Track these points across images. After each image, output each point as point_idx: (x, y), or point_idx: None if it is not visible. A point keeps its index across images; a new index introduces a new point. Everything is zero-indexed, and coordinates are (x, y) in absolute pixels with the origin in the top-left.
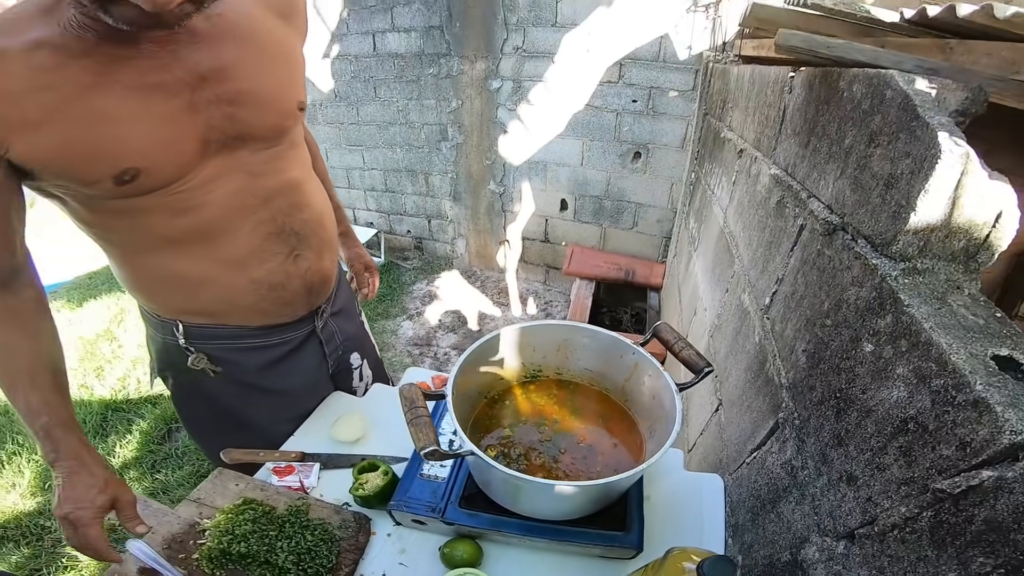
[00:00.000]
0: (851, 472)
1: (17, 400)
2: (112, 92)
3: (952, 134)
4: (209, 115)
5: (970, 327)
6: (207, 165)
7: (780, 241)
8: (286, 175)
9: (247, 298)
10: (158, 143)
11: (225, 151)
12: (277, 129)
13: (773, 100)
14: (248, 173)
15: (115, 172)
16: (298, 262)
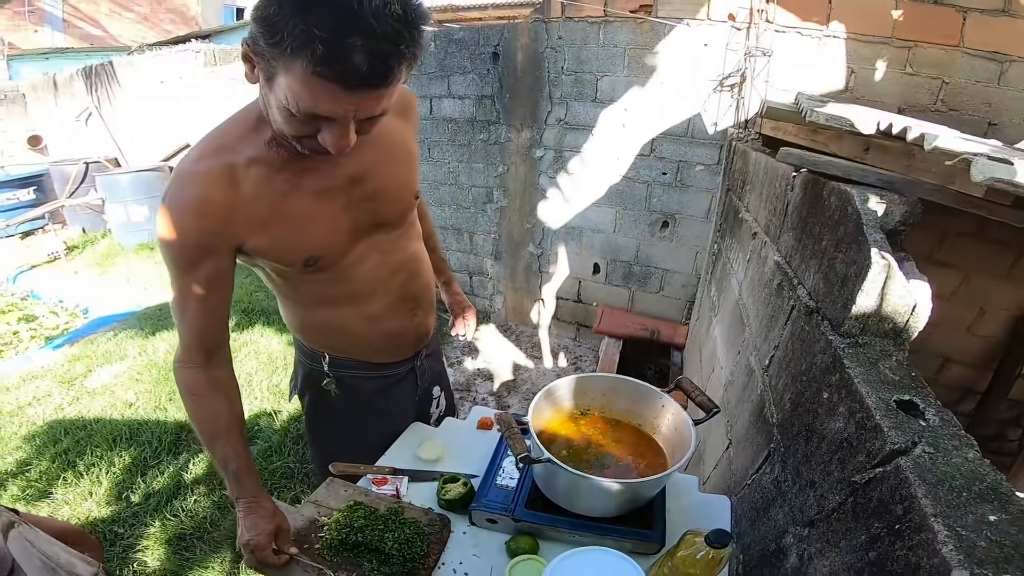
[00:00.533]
0: (812, 479)
1: (216, 451)
2: (301, 198)
3: (882, 248)
4: (357, 210)
5: (887, 381)
6: (355, 248)
7: (778, 316)
8: (407, 251)
9: (375, 343)
10: (329, 236)
11: (366, 236)
12: (401, 216)
13: (780, 193)
14: (381, 251)
15: (304, 259)
16: (413, 318)
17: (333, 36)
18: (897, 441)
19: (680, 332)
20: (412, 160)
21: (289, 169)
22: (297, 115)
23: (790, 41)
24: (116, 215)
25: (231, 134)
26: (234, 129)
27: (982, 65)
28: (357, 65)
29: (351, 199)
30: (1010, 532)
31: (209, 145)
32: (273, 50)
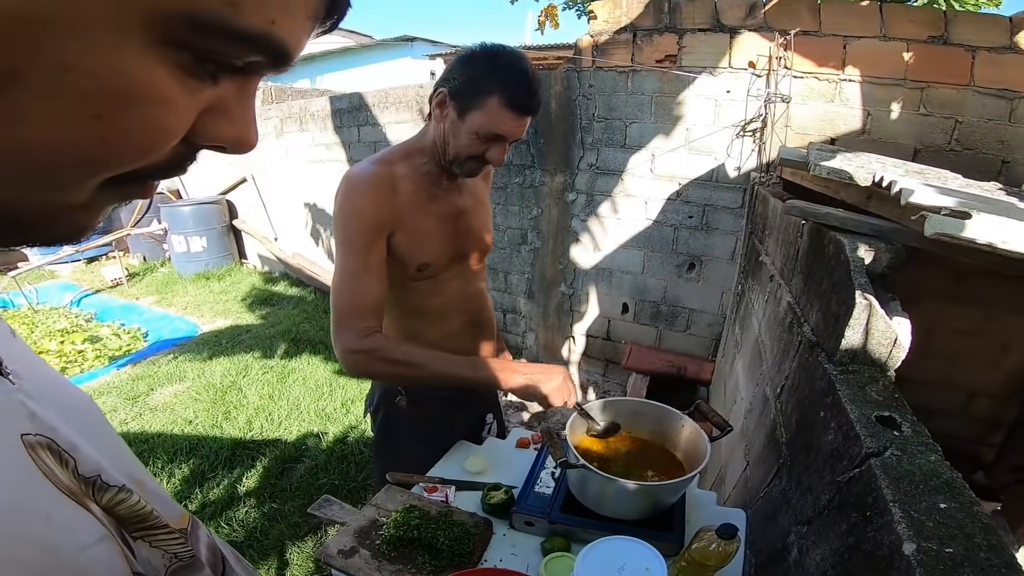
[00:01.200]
0: (810, 484)
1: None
2: (428, 216)
3: (865, 291)
4: (458, 238)
5: (872, 401)
6: (450, 268)
7: (788, 350)
8: (478, 285)
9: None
10: (440, 250)
11: (457, 263)
12: (482, 252)
13: (792, 239)
14: (464, 278)
15: (419, 263)
16: (476, 343)
17: (515, 85)
18: (871, 446)
19: (706, 369)
20: (488, 213)
21: (425, 192)
22: (480, 137)
23: (808, 86)
24: (177, 245)
25: (392, 155)
26: (394, 153)
27: (993, 103)
28: (525, 102)
29: (456, 228)
30: (957, 516)
31: (376, 158)
32: (474, 92)
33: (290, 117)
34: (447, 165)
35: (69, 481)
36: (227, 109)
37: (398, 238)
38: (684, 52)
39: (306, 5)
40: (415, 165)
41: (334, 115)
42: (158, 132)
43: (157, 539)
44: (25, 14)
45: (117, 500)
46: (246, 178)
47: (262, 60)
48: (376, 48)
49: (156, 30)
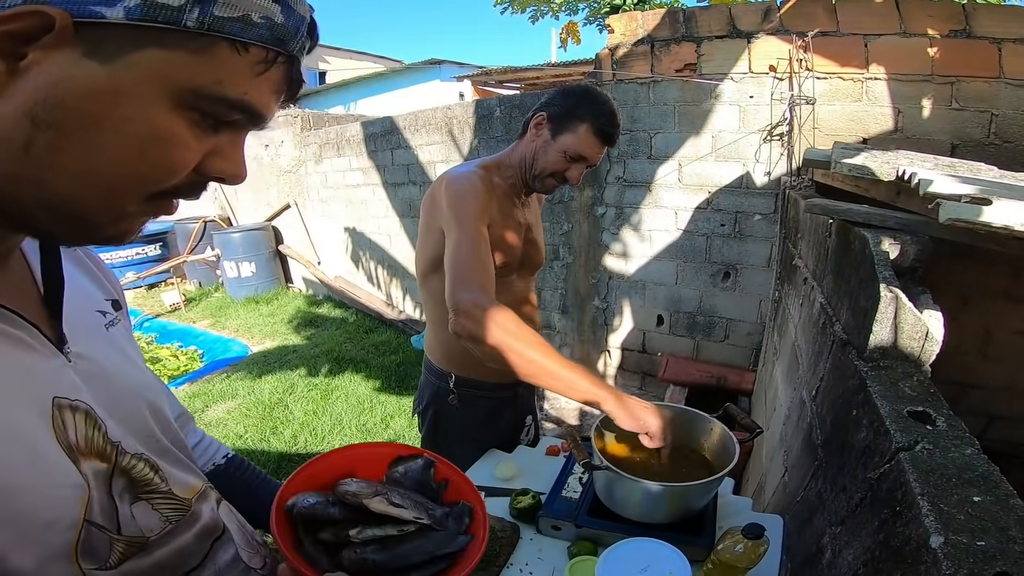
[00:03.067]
0: (844, 484)
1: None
2: (510, 221)
3: (891, 284)
4: (524, 247)
5: (905, 397)
6: (515, 273)
7: (822, 352)
8: (529, 293)
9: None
10: (510, 254)
11: (518, 269)
12: (538, 265)
13: (821, 240)
14: (524, 283)
15: (500, 262)
16: None
17: (605, 117)
18: (901, 440)
19: (747, 379)
20: (541, 233)
21: (510, 200)
22: (567, 156)
23: (832, 87)
24: (229, 270)
25: (487, 163)
26: (488, 162)
27: None
28: (610, 131)
29: (525, 238)
30: (991, 510)
31: (474, 163)
32: (570, 118)
33: (328, 143)
34: (530, 179)
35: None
36: (223, 151)
37: (491, 232)
38: (703, 60)
39: (268, 83)
40: (504, 177)
41: (367, 140)
42: (178, 162)
43: (157, 503)
44: (112, 87)
45: (131, 465)
46: (290, 204)
47: (242, 118)
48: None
49: (177, 98)
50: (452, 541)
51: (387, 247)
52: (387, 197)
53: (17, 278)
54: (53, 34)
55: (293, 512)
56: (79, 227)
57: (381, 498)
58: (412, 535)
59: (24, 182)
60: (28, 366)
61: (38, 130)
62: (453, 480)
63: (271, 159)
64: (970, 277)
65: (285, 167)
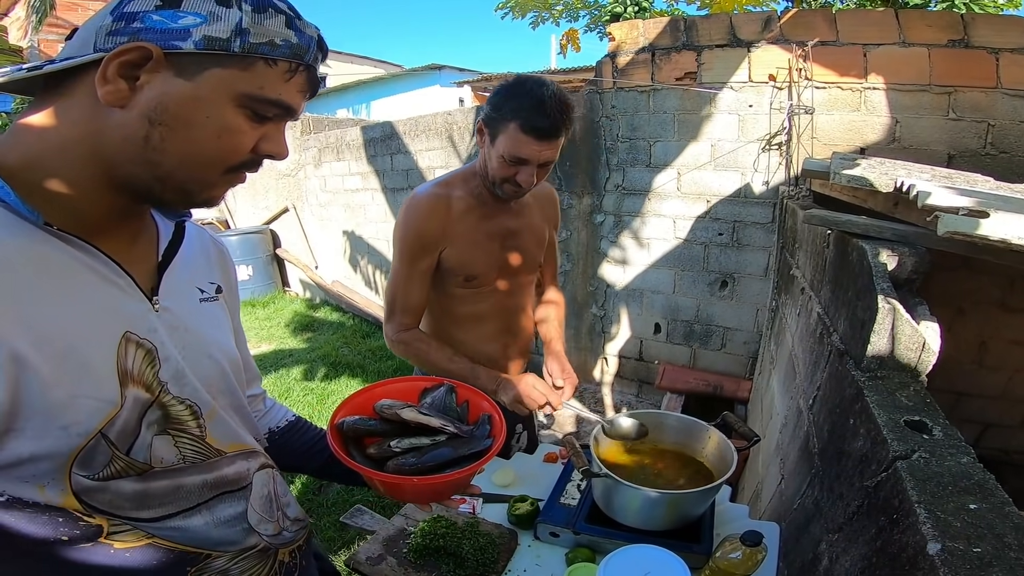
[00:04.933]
0: (841, 491)
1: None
2: (478, 234)
3: (888, 295)
4: (503, 256)
5: (901, 407)
6: (495, 282)
7: (819, 361)
8: (519, 300)
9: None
10: (487, 265)
11: (501, 278)
12: (525, 274)
13: (819, 250)
14: (506, 292)
15: (466, 275)
16: (507, 349)
17: (530, 110)
18: (898, 449)
19: (743, 387)
20: (542, 241)
21: (478, 212)
22: (507, 161)
23: (831, 96)
24: None
25: (452, 178)
26: (452, 178)
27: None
28: (541, 126)
29: (503, 247)
30: (987, 517)
31: (438, 180)
32: (499, 119)
33: (327, 147)
34: (491, 188)
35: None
36: (270, 137)
37: (449, 252)
38: (703, 68)
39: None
40: (471, 187)
41: (367, 144)
42: (241, 145)
43: (180, 440)
44: (195, 96)
45: (170, 403)
46: (288, 208)
47: (280, 112)
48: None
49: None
50: (478, 443)
51: (385, 252)
52: (386, 202)
53: (142, 244)
54: (153, 61)
55: (343, 428)
56: (182, 195)
57: (412, 409)
58: (442, 443)
59: (145, 164)
60: (114, 302)
61: (153, 127)
62: (472, 399)
63: (270, 163)
64: (966, 287)
65: (284, 170)
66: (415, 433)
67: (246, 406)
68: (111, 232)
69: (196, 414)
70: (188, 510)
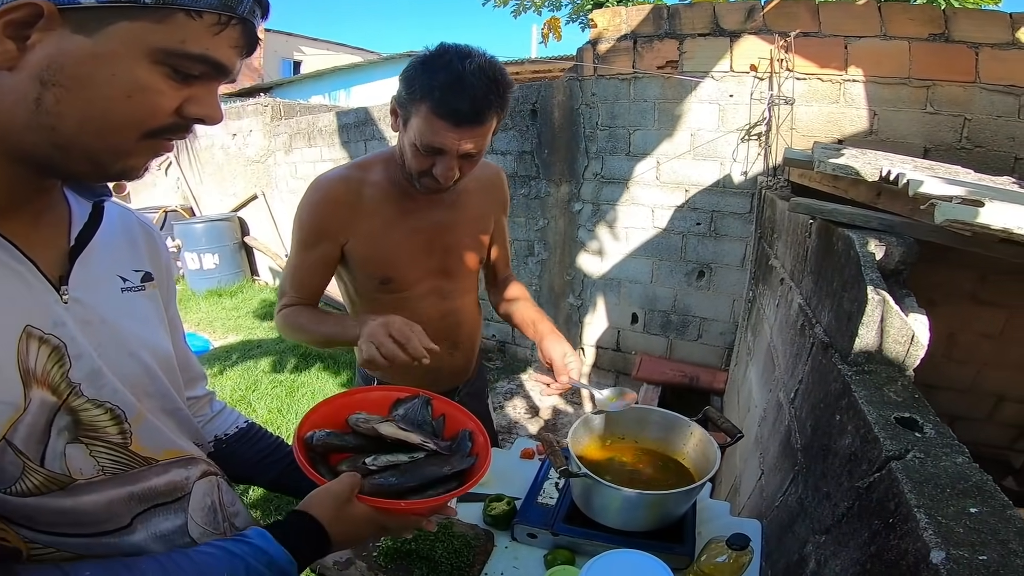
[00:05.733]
0: (828, 491)
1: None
2: (396, 231)
3: (878, 286)
4: (433, 255)
5: (890, 403)
6: (423, 285)
7: (801, 354)
8: (459, 302)
9: (417, 372)
10: (407, 265)
11: (433, 278)
12: (464, 272)
13: (800, 240)
14: (440, 295)
15: (382, 277)
16: (450, 357)
17: (445, 88)
18: (891, 449)
19: (719, 378)
20: (485, 232)
21: (398, 205)
22: (420, 150)
23: (811, 88)
24: (190, 262)
25: (369, 161)
26: (372, 159)
27: (1001, 100)
28: (459, 108)
29: (432, 244)
30: (989, 521)
31: (352, 163)
32: (409, 99)
33: (299, 133)
34: (409, 179)
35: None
36: (198, 98)
37: (354, 246)
38: (685, 57)
39: (226, 41)
40: (391, 174)
41: (341, 130)
42: (158, 106)
43: (97, 450)
44: (97, 52)
45: (81, 408)
46: (257, 195)
47: (208, 69)
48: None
49: (151, 56)
50: (459, 461)
51: None
52: None
53: (48, 226)
54: (44, 19)
55: (313, 442)
56: (91, 165)
57: (390, 424)
58: (422, 461)
59: (39, 129)
60: (11, 291)
61: (45, 88)
62: (449, 412)
63: (238, 148)
64: (938, 280)
65: (253, 157)
66: (390, 449)
67: (183, 409)
68: (9, 212)
69: (119, 419)
70: (123, 528)
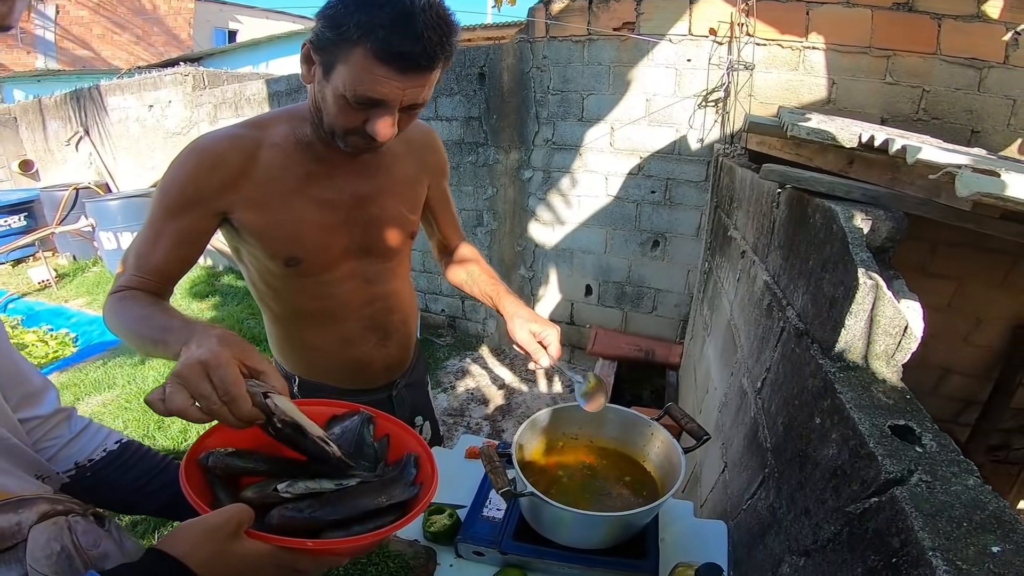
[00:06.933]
0: (807, 507)
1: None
2: (304, 200)
3: (869, 269)
4: (353, 230)
5: (881, 406)
6: (342, 266)
7: (769, 338)
8: (388, 286)
9: (343, 368)
10: (318, 245)
11: (354, 259)
12: (392, 249)
13: (766, 211)
14: (364, 279)
15: (286, 256)
16: (381, 349)
17: (391, 27)
18: (892, 470)
19: (674, 352)
20: (416, 204)
21: (305, 170)
22: (351, 103)
23: (771, 54)
24: (106, 242)
25: (268, 119)
26: (273, 116)
27: (961, 72)
28: (408, 51)
29: (351, 218)
30: (1014, 563)
31: (248, 121)
32: (337, 41)
33: (224, 103)
34: (328, 137)
35: None
36: None
37: (244, 219)
38: (642, 19)
39: None
40: (296, 135)
41: (271, 99)
42: None
43: None
44: None
45: None
46: None
47: None
48: None
49: None
50: (400, 491)
51: None
52: None
53: None
54: None
55: (208, 464)
56: None
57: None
58: (354, 489)
59: None
60: None
61: None
62: (395, 433)
63: (156, 120)
64: None
65: (173, 129)
66: (316, 475)
67: (11, 438)
68: None
69: None
70: None
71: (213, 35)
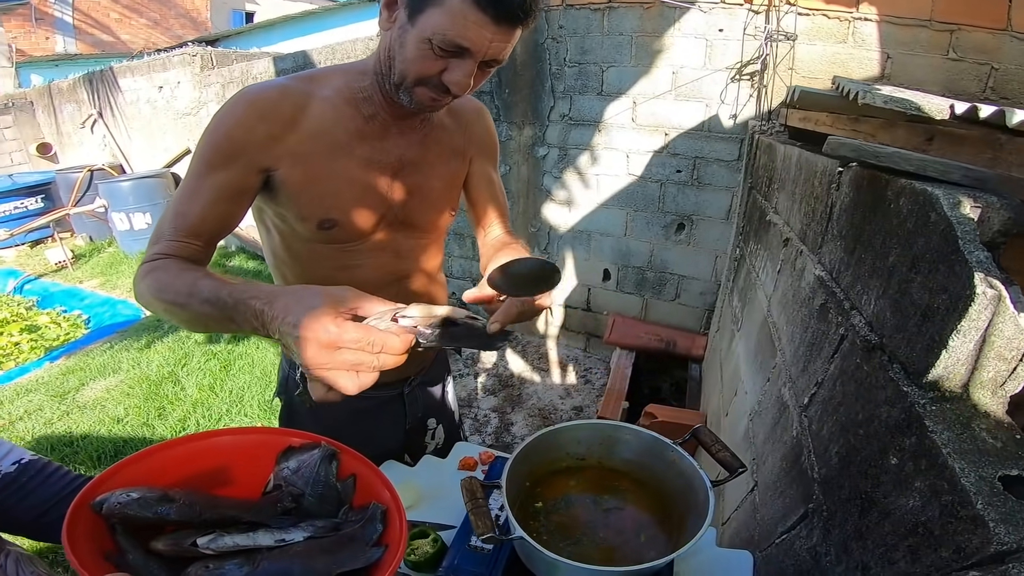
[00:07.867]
0: (866, 563)
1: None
2: (349, 158)
3: (989, 273)
4: (393, 197)
5: (987, 450)
6: (375, 236)
7: (822, 345)
8: (419, 266)
9: None
10: (357, 209)
11: (390, 230)
12: (430, 225)
13: (820, 193)
14: (395, 252)
15: (321, 218)
16: None
17: None
18: (1007, 540)
19: (698, 343)
20: (456, 181)
21: (354, 128)
22: (435, 50)
23: (815, 25)
24: (119, 223)
25: (323, 73)
26: (327, 72)
27: None
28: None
29: (393, 184)
30: None
31: (297, 75)
32: None
33: (232, 82)
34: (392, 90)
35: None
36: None
37: (286, 176)
38: None
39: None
40: (351, 89)
41: (279, 77)
42: None
43: None
44: None
45: None
46: (189, 149)
47: None
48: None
49: None
50: (356, 554)
51: None
52: None
53: None
54: None
55: (103, 511)
56: None
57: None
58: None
59: None
60: None
61: None
62: (363, 474)
63: (166, 102)
64: None
65: (183, 109)
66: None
67: None
68: None
69: None
70: None
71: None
